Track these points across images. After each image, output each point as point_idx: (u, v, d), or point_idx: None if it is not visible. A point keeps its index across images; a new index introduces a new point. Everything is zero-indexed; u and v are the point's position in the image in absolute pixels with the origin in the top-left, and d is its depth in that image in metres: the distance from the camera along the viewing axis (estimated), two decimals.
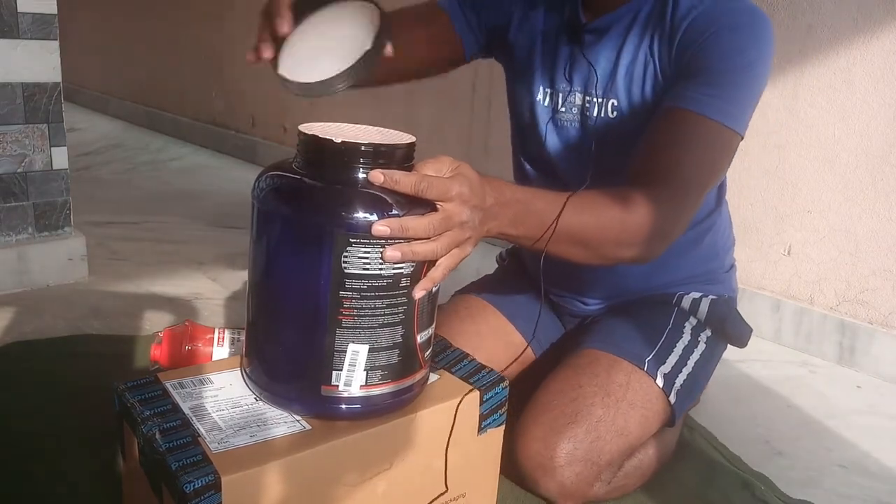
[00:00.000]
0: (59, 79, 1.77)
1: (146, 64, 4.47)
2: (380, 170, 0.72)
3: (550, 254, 0.88)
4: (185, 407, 0.80)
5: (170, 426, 0.76)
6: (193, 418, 0.78)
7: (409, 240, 0.73)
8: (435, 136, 2.62)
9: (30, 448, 1.11)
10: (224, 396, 0.83)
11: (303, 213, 0.74)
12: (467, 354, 0.97)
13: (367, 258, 0.72)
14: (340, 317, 0.74)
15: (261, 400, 0.82)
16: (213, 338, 1.12)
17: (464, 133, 2.49)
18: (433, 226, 0.73)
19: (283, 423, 0.79)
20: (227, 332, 1.15)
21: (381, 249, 0.72)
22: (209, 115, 3.94)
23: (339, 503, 0.79)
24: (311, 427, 0.78)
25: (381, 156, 0.74)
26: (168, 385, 0.84)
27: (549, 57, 1.14)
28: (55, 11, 1.73)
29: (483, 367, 0.94)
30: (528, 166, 1.22)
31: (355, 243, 0.72)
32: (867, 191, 1.63)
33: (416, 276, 0.76)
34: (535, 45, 1.15)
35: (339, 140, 0.74)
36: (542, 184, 1.19)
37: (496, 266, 1.43)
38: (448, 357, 0.96)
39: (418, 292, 0.77)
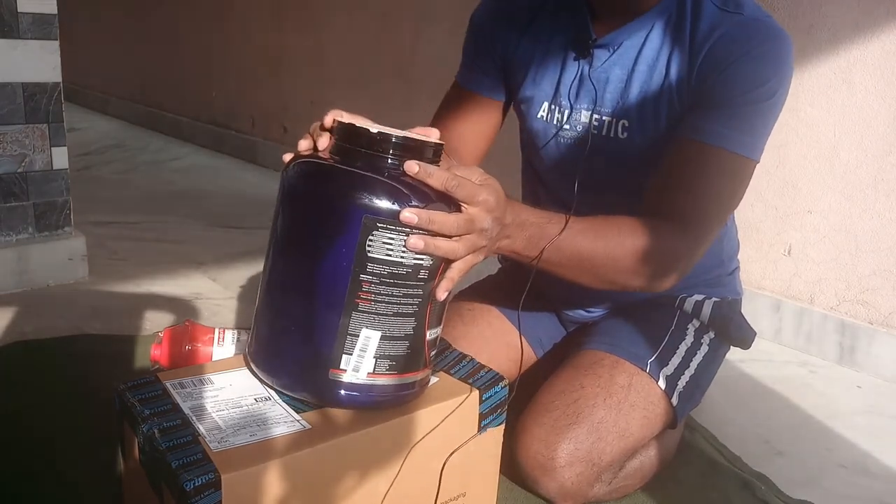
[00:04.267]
0: (59, 79, 1.77)
1: (146, 64, 4.47)
2: (415, 161, 0.75)
3: (561, 277, 0.91)
4: (186, 406, 0.80)
5: (170, 425, 0.76)
6: (193, 418, 0.78)
7: (432, 233, 0.74)
8: None
9: (30, 448, 1.11)
10: (224, 396, 0.83)
11: (334, 195, 0.75)
12: (466, 355, 0.97)
13: (390, 244, 0.74)
14: (358, 300, 0.75)
15: (260, 378, 0.83)
16: (213, 338, 1.12)
17: None
18: (458, 224, 0.75)
19: (283, 422, 0.79)
20: (227, 332, 1.15)
21: (405, 238, 0.74)
22: (209, 116, 3.95)
23: (339, 502, 0.79)
24: (310, 426, 0.78)
25: (413, 150, 0.76)
26: (168, 385, 0.84)
27: (554, 72, 1.11)
28: (55, 11, 1.74)
29: (482, 366, 0.94)
30: (529, 167, 1.23)
31: (382, 228, 0.73)
32: (867, 190, 1.63)
33: (433, 272, 0.77)
34: (536, 59, 1.12)
35: (375, 130, 0.76)
36: (545, 192, 1.20)
37: (498, 267, 1.43)
38: (447, 358, 0.96)
39: (441, 293, 0.79)
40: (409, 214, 0.72)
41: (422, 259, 0.75)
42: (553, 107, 1.12)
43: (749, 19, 0.98)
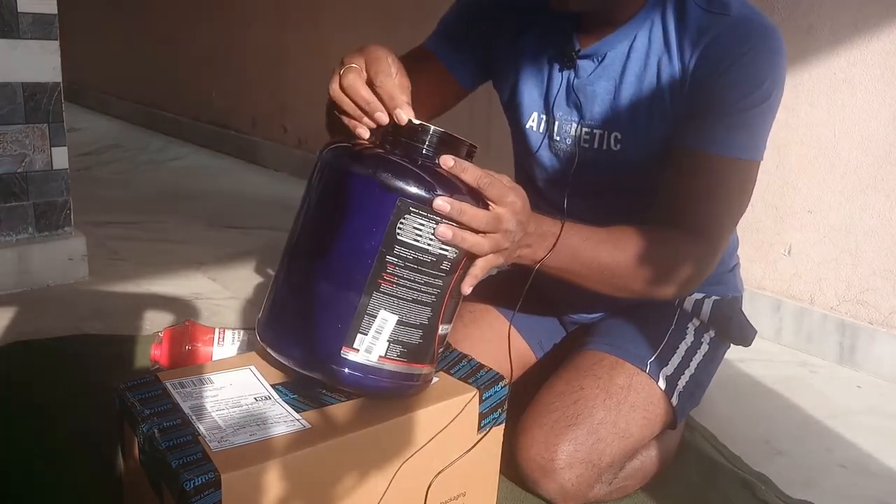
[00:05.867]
0: (59, 79, 1.77)
1: (147, 64, 4.47)
2: (451, 155, 0.78)
3: (577, 286, 0.93)
4: (185, 406, 0.80)
5: (170, 425, 0.76)
6: (193, 417, 0.78)
7: (461, 225, 0.76)
8: None
9: (30, 448, 1.11)
10: (224, 396, 0.83)
11: (373, 175, 0.77)
12: (466, 355, 0.97)
13: (420, 230, 0.76)
14: (381, 280, 0.77)
15: (265, 348, 0.84)
16: (213, 338, 1.12)
17: (463, 133, 2.49)
18: (486, 220, 0.77)
19: (283, 422, 0.79)
20: (227, 332, 1.15)
21: (434, 226, 0.76)
22: (210, 116, 3.95)
23: (339, 502, 0.79)
24: (310, 426, 0.78)
25: (450, 145, 0.79)
26: (168, 385, 0.84)
27: (542, 83, 1.10)
28: (55, 11, 1.74)
29: (482, 366, 0.94)
30: (526, 180, 1.22)
31: (414, 213, 0.76)
32: (868, 190, 1.63)
33: (454, 266, 0.79)
34: (524, 69, 1.11)
35: (417, 122, 0.79)
36: (538, 198, 1.19)
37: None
38: (447, 358, 0.96)
39: (466, 287, 0.81)
40: (441, 202, 0.75)
41: (447, 250, 0.78)
42: (542, 117, 1.12)
43: (737, 20, 0.97)
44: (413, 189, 0.75)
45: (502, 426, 0.94)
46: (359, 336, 0.78)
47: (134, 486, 0.85)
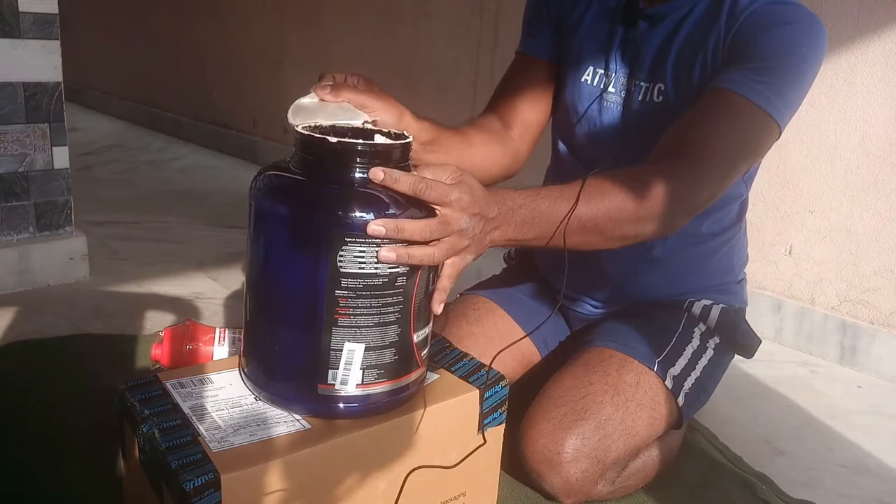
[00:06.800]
0: (60, 78, 1.77)
1: (147, 64, 4.47)
2: (380, 167, 0.73)
3: (568, 248, 0.87)
4: (185, 406, 0.80)
5: (169, 425, 0.76)
6: (193, 418, 0.78)
7: (405, 242, 0.73)
8: None
9: (30, 448, 1.11)
10: (224, 396, 0.83)
11: (299, 212, 0.74)
12: (467, 353, 0.97)
13: (362, 257, 0.72)
14: (336, 315, 0.74)
15: (259, 399, 0.82)
16: (213, 337, 1.12)
17: None
18: (430, 229, 0.73)
19: (283, 422, 0.79)
20: (228, 331, 1.15)
21: (377, 249, 0.72)
22: (210, 115, 3.95)
23: (339, 502, 0.79)
24: (310, 426, 0.78)
25: (377, 155, 0.74)
26: (168, 385, 0.84)
27: (601, 38, 1.15)
28: (56, 11, 1.74)
29: (482, 365, 0.94)
30: (560, 143, 1.24)
31: (351, 242, 0.72)
32: (868, 190, 1.63)
33: (412, 275, 0.76)
34: (584, 25, 1.17)
35: (334, 140, 0.74)
36: (572, 161, 1.22)
37: (503, 265, 1.43)
38: (448, 356, 0.96)
39: (437, 306, 0.78)
40: (375, 227, 0.71)
41: (398, 266, 0.74)
42: (598, 71, 1.15)
43: (788, 3, 1.02)
44: (343, 218, 0.71)
45: (502, 426, 0.94)
46: (330, 372, 0.76)
47: (134, 486, 0.85)
